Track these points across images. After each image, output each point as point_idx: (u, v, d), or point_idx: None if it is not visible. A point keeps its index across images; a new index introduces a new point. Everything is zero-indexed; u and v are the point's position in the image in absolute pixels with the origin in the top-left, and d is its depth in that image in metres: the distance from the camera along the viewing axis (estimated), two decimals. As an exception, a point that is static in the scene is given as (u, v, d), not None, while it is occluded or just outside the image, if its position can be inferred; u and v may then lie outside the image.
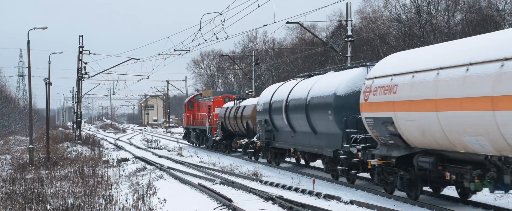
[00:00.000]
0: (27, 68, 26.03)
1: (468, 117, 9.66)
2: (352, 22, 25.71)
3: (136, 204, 12.47)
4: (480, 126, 9.41)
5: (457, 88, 9.87)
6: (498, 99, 8.88)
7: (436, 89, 10.48)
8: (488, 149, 9.54)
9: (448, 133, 10.33)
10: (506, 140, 8.95)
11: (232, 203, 12.51)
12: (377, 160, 12.96)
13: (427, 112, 10.74)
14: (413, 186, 12.33)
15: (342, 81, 15.66)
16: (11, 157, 25.90)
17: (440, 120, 10.40)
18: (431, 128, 10.76)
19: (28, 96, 27.85)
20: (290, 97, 18.92)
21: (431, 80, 10.65)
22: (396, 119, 11.85)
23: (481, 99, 9.28)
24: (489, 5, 37.78)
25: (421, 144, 11.50)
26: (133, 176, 18.89)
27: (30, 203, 12.33)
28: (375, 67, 13.53)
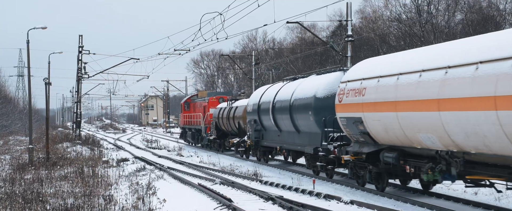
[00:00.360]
0: (27, 68, 26.02)
1: (421, 117, 11.00)
2: (352, 22, 25.66)
3: (135, 204, 12.45)
4: (430, 124, 10.73)
5: (411, 92, 11.30)
6: (443, 102, 10.22)
7: (396, 92, 11.88)
8: (437, 144, 10.88)
9: (406, 131, 11.73)
10: (450, 137, 10.28)
11: (232, 203, 12.49)
12: (350, 156, 14.46)
13: (389, 112, 12.15)
14: (380, 178, 13.86)
15: (321, 84, 17.12)
16: (10, 157, 25.89)
17: (399, 119, 11.80)
18: (393, 126, 12.15)
19: (27, 96, 27.85)
20: (276, 99, 20.28)
21: (392, 84, 12.07)
22: (365, 119, 13.24)
23: (430, 101, 10.61)
24: (490, 4, 37.74)
25: (386, 141, 12.91)
26: (132, 176, 18.87)
27: (30, 203, 12.31)
28: (349, 72, 14.99)
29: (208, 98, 33.88)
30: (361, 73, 13.84)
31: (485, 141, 9.47)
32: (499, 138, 9.11)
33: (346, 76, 14.67)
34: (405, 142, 12.07)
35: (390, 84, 12.15)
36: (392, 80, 12.06)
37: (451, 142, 10.39)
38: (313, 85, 17.58)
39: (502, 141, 9.08)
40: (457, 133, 10.02)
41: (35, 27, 25.57)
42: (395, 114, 11.88)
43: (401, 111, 11.62)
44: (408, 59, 12.14)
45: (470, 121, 9.62)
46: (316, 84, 17.43)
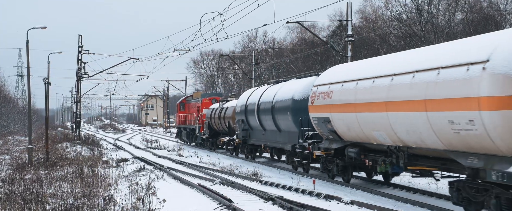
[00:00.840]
0: (26, 68, 25.96)
1: (374, 117, 12.85)
2: (352, 22, 25.63)
3: (135, 204, 12.44)
4: (381, 123, 12.55)
5: (367, 95, 13.12)
6: (389, 104, 12.08)
7: (355, 95, 13.68)
8: (388, 141, 12.73)
9: (363, 129, 13.58)
10: (396, 134, 12.13)
11: (232, 203, 12.48)
12: (321, 151, 16.42)
13: (350, 113, 13.96)
14: (346, 171, 15.91)
15: (298, 88, 19.03)
16: (10, 157, 25.85)
17: (358, 119, 13.63)
18: (353, 125, 13.98)
19: (27, 96, 27.80)
20: (261, 101, 22.23)
21: (352, 88, 13.86)
22: (332, 119, 15.06)
23: (380, 103, 12.46)
24: (490, 4, 37.67)
25: (350, 138, 14.79)
26: (132, 176, 18.84)
27: (29, 204, 12.31)
28: (320, 77, 16.71)
29: (201, 99, 35.62)
30: (329, 78, 15.66)
31: (421, 137, 11.24)
32: (430, 135, 10.89)
33: (317, 81, 16.48)
34: (364, 139, 13.95)
35: (351, 88, 13.99)
36: (353, 85, 13.90)
37: (397, 138, 12.27)
38: (292, 89, 19.50)
39: (432, 137, 10.82)
40: (401, 130, 11.88)
41: (35, 27, 25.48)
42: (355, 114, 13.76)
43: (359, 112, 13.49)
44: (365, 67, 14.10)
45: (409, 120, 11.47)
46: (294, 88, 19.36)
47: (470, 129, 9.67)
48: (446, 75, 10.19)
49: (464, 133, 9.86)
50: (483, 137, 9.49)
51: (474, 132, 9.60)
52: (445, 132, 10.36)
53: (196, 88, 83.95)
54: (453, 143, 10.36)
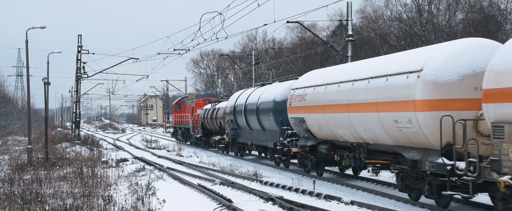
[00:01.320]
0: (26, 68, 25.90)
1: (339, 117, 14.71)
2: (352, 22, 25.57)
3: (135, 204, 12.40)
4: (345, 123, 14.41)
5: (334, 98, 14.95)
6: (351, 105, 13.97)
7: (324, 98, 15.53)
8: (351, 138, 14.58)
9: (331, 128, 15.44)
10: (356, 132, 14.01)
11: (232, 203, 12.45)
12: (298, 148, 18.26)
13: (321, 113, 15.76)
14: (319, 166, 17.84)
15: (280, 90, 20.82)
16: (9, 157, 25.78)
17: (327, 119, 15.46)
18: (323, 124, 15.82)
19: (26, 96, 27.73)
20: (247, 102, 23.99)
21: (322, 92, 15.72)
22: (306, 119, 16.81)
23: (344, 105, 14.31)
24: (491, 4, 37.57)
25: (321, 136, 16.59)
26: (132, 177, 18.80)
27: (29, 204, 12.27)
28: (297, 81, 18.53)
29: (195, 100, 37.29)
30: (304, 82, 17.50)
31: (375, 134, 13.14)
32: (381, 132, 12.78)
33: (295, 85, 18.33)
34: (332, 137, 15.86)
35: (321, 92, 15.82)
36: (323, 89, 15.75)
37: (358, 136, 14.14)
38: (274, 91, 21.33)
39: (383, 134, 12.75)
40: (360, 129, 13.72)
41: (34, 27, 25.40)
42: (324, 115, 15.58)
43: (328, 113, 15.28)
44: (334, 73, 15.93)
45: (366, 120, 13.30)
46: (276, 90, 21.18)
47: (409, 127, 11.58)
48: (392, 82, 12.16)
49: (405, 130, 11.78)
50: (419, 134, 11.38)
51: (412, 129, 11.49)
52: (392, 130, 12.31)
53: (196, 88, 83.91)
54: (399, 139, 12.34)
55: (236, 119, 25.76)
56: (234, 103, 26.02)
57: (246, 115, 24.05)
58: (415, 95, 11.24)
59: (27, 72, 25.77)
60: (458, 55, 11.13)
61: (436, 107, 10.96)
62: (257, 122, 22.55)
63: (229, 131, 26.87)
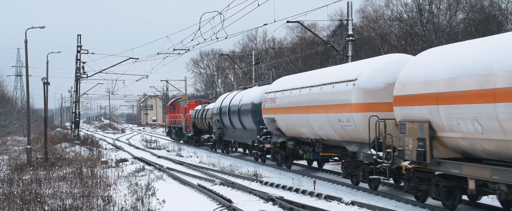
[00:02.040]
0: (25, 67, 25.84)
1: (300, 117, 17.30)
2: (353, 21, 25.48)
3: (135, 205, 12.36)
4: (305, 122, 17.12)
5: (296, 100, 17.58)
6: (309, 107, 16.56)
7: (290, 101, 18.15)
8: (310, 135, 17.32)
9: (296, 127, 18.06)
10: (314, 130, 16.75)
11: (232, 204, 12.42)
12: (270, 145, 21.01)
13: (287, 114, 18.39)
14: (287, 160, 20.45)
15: (257, 93, 23.28)
16: (8, 158, 25.71)
17: (292, 119, 18.12)
18: (290, 124, 18.48)
19: (25, 96, 27.69)
20: (231, 104, 26.44)
21: (288, 95, 18.40)
22: (276, 119, 19.55)
23: (304, 107, 16.93)
24: (492, 4, 37.44)
25: (289, 134, 19.32)
26: (132, 177, 18.75)
27: (28, 204, 12.24)
28: (270, 86, 21.34)
29: (188, 101, 40.04)
30: (275, 87, 20.18)
31: (327, 131, 15.92)
32: (330, 130, 15.61)
33: (268, 89, 20.96)
34: (297, 134, 18.52)
35: (287, 95, 18.51)
36: (288, 93, 18.40)
37: (315, 133, 16.88)
38: (253, 94, 23.77)
39: (332, 131, 15.58)
40: (316, 127, 16.43)
41: (33, 27, 25.32)
42: (290, 115, 18.18)
43: (292, 113, 17.89)
44: (299, 79, 18.52)
45: (319, 120, 15.98)
46: (255, 94, 23.60)
47: (349, 125, 14.42)
48: (337, 88, 14.95)
49: (346, 128, 14.63)
50: (356, 130, 14.23)
51: (351, 127, 14.35)
52: (338, 127, 15.11)
53: (196, 88, 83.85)
54: (343, 135, 15.13)
55: (221, 119, 28.40)
56: (220, 105, 28.66)
57: (230, 116, 26.58)
58: (352, 99, 14.15)
59: (26, 72, 25.71)
60: (383, 68, 13.90)
61: (366, 109, 13.81)
62: (239, 122, 25.21)
63: (216, 130, 29.49)
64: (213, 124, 30.00)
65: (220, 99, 29.68)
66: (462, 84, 9.98)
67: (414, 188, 12.20)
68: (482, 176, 9.85)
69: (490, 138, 9.56)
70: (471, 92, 9.73)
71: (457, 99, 10.13)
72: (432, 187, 11.52)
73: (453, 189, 11.15)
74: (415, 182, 12.04)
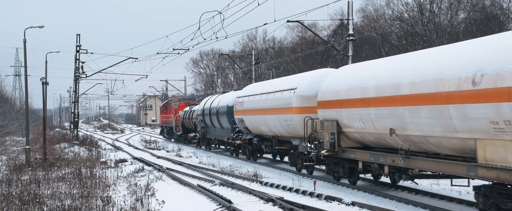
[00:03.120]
0: (24, 67, 25.73)
1: (261, 118, 21.38)
2: (353, 21, 25.45)
3: (134, 205, 12.31)
4: (264, 122, 21.09)
5: (258, 104, 21.59)
6: (266, 110, 20.55)
7: (253, 104, 22.18)
8: (268, 132, 21.46)
9: (258, 126, 22.16)
10: (270, 128, 20.68)
11: (231, 204, 12.35)
12: (241, 141, 24.83)
13: (251, 115, 22.49)
14: (253, 154, 24.33)
15: (232, 97, 26.70)
16: (7, 158, 25.61)
17: (255, 119, 22.18)
18: (254, 123, 22.52)
19: (24, 96, 27.60)
20: (212, 106, 30.41)
21: (252, 100, 22.47)
22: (244, 120, 23.46)
23: (262, 110, 21.01)
24: (493, 3, 37.33)
25: (254, 132, 23.20)
26: (131, 177, 18.68)
27: (27, 205, 12.19)
28: (240, 91, 25.53)
29: (178, 103, 43.29)
30: (243, 93, 24.34)
31: (279, 129, 19.98)
32: (281, 128, 19.70)
33: (239, 94, 24.97)
34: (259, 132, 22.54)
35: (251, 100, 22.60)
36: (252, 98, 22.53)
37: (271, 131, 20.98)
38: (228, 98, 27.41)
39: (282, 129, 19.64)
40: (271, 126, 20.47)
41: (32, 26, 25.19)
42: (253, 117, 22.22)
43: (255, 115, 21.97)
44: (260, 86, 23.06)
45: (273, 120, 20.03)
46: (230, 97, 27.04)
47: (292, 124, 18.50)
48: (284, 95, 19.08)
49: (291, 126, 18.71)
50: (297, 128, 18.31)
51: (293, 125, 18.43)
52: (285, 126, 19.16)
53: (196, 88, 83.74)
54: (289, 132, 19.19)
55: (204, 119, 32.18)
56: (203, 107, 32.43)
57: (210, 116, 30.44)
58: (292, 103, 18.23)
59: (25, 72, 25.58)
60: (316, 79, 17.85)
61: (303, 111, 17.79)
62: (218, 122, 29.14)
63: (199, 129, 33.70)
64: (198, 123, 33.99)
65: (204, 101, 33.36)
66: (353, 94, 13.95)
67: (331, 170, 16.32)
68: (365, 159, 14.02)
69: (369, 132, 13.61)
70: (357, 99, 13.69)
71: (351, 104, 14.07)
72: (340, 168, 15.69)
73: (353, 169, 15.30)
74: (331, 165, 16.20)
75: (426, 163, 11.48)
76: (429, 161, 11.36)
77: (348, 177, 15.50)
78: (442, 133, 10.61)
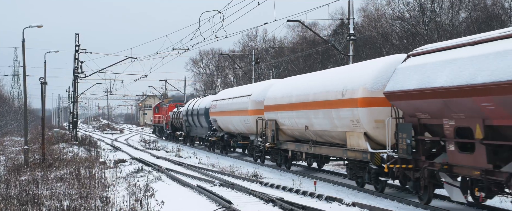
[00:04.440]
0: (22, 67, 25.60)
1: (228, 118, 26.48)
2: (354, 20, 25.30)
3: (133, 206, 12.26)
4: (230, 122, 26.28)
5: (225, 107, 26.73)
6: (232, 112, 25.64)
7: (221, 108, 27.28)
8: (235, 130, 26.16)
9: (226, 125, 27.18)
10: (234, 126, 25.97)
11: (231, 205, 12.30)
12: (215, 138, 29.98)
13: (221, 116, 27.51)
14: (224, 148, 29.62)
15: (208, 100, 32.04)
16: (5, 158, 25.50)
17: (224, 119, 27.21)
18: (223, 122, 27.58)
19: (23, 96, 27.45)
20: (193, 108, 35.83)
21: (222, 103, 27.33)
22: (217, 119, 28.50)
23: (228, 111, 26.04)
24: (495, 2, 37.19)
25: (225, 130, 28.16)
26: (130, 178, 18.59)
27: (25, 206, 12.15)
28: (215, 95, 31.19)
29: (168, 104, 48.84)
30: (217, 97, 29.44)
31: (241, 128, 24.93)
32: (242, 127, 24.73)
33: (213, 98, 30.30)
34: (228, 130, 27.60)
35: (221, 103, 27.52)
36: (222, 102, 27.50)
37: (235, 129, 25.99)
38: (206, 101, 32.87)
39: (243, 127, 24.63)
40: (235, 125, 25.38)
41: (31, 26, 25.07)
42: (222, 117, 27.46)
43: (223, 116, 27.15)
44: (229, 92, 28.44)
45: (236, 120, 24.97)
46: (207, 100, 32.55)
47: (248, 123, 23.56)
48: (243, 99, 24.33)
49: (248, 125, 23.70)
50: (252, 126, 23.26)
51: (249, 124, 23.42)
52: (245, 125, 24.17)
53: (195, 88, 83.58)
54: (247, 129, 24.22)
55: (188, 119, 37.32)
56: (187, 108, 37.85)
57: (193, 117, 35.63)
58: (248, 107, 23.57)
59: (23, 71, 25.44)
60: (265, 88, 22.89)
61: (256, 113, 22.92)
62: (198, 121, 34.39)
63: (184, 128, 38.62)
64: (183, 123, 38.97)
65: (188, 103, 38.81)
66: (285, 100, 18.98)
67: (274, 158, 21.32)
68: (292, 148, 19.26)
69: (295, 128, 18.55)
70: (286, 104, 18.73)
71: (283, 108, 19.06)
72: (279, 157, 20.80)
73: (287, 157, 20.19)
74: (273, 155, 21.28)
75: (324, 150, 16.81)
76: (324, 148, 16.73)
77: (284, 164, 20.59)
78: (330, 128, 15.79)
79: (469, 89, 9.60)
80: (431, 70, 10.92)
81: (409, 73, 11.63)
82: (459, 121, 10.31)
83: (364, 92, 13.64)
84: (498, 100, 9.09)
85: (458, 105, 10.13)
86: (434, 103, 10.76)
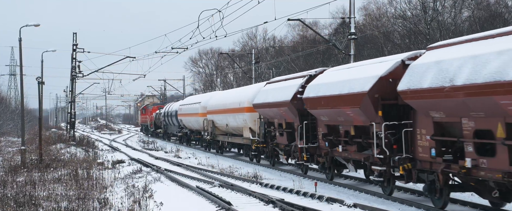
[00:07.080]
0: (19, 66, 25.42)
1: (188, 118, 36.50)
2: (355, 19, 25.13)
3: (132, 207, 12.20)
4: (190, 121, 36.35)
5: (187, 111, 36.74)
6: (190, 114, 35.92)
7: (184, 111, 37.60)
8: (193, 128, 36.51)
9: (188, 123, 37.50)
10: (192, 125, 36.54)
11: (231, 206, 12.22)
12: (181, 133, 39.77)
13: (184, 117, 37.79)
14: (189, 141, 39.06)
15: (177, 105, 40.46)
16: (2, 159, 25.32)
17: (186, 119, 37.49)
18: (186, 122, 37.62)
19: (20, 96, 27.27)
20: (169, 110, 44.51)
21: (184, 107, 37.96)
22: (182, 120, 38.44)
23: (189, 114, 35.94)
24: (498, 1, 37.04)
25: (187, 127, 38.12)
26: (129, 179, 18.47)
27: (22, 207, 12.10)
28: (183, 101, 42.07)
29: (152, 107, 58.62)
30: (183, 102, 39.26)
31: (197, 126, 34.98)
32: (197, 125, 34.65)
33: (181, 103, 39.23)
34: (190, 127, 36.78)
35: (184, 107, 37.79)
36: (185, 106, 37.87)
37: (193, 126, 35.95)
38: (176, 105, 41.10)
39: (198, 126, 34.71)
40: (192, 124, 36.16)
41: (28, 24, 24.89)
42: (185, 118, 37.14)
43: (185, 117, 37.17)
44: (189, 99, 40.19)
45: (193, 120, 35.25)
46: (178, 104, 40.50)
47: (199, 122, 33.37)
48: (195, 106, 34.17)
49: (199, 123, 33.35)
50: (201, 124, 32.82)
51: (200, 123, 33.33)
52: (198, 124, 33.54)
53: (195, 87, 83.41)
54: (199, 127, 33.59)
55: (165, 119, 46.47)
56: (165, 110, 46.93)
57: (168, 117, 44.37)
58: (198, 111, 32.52)
59: (20, 71, 25.27)
60: (212, 96, 31.70)
61: (203, 115, 31.49)
62: (172, 121, 43.04)
63: (162, 126, 48.82)
64: (162, 122, 48.44)
65: (166, 106, 47.82)
66: (218, 107, 28.29)
67: (214, 147, 29.62)
68: (223, 140, 28.76)
69: (222, 126, 28.01)
70: (218, 110, 28.25)
71: (218, 112, 28.35)
72: (216, 146, 30.14)
73: (220, 147, 29.83)
74: (213, 146, 30.87)
75: (233, 139, 26.91)
76: (234, 137, 26.80)
77: (218, 151, 30.25)
78: (238, 125, 25.45)
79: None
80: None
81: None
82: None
83: (248, 104, 23.51)
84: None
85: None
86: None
